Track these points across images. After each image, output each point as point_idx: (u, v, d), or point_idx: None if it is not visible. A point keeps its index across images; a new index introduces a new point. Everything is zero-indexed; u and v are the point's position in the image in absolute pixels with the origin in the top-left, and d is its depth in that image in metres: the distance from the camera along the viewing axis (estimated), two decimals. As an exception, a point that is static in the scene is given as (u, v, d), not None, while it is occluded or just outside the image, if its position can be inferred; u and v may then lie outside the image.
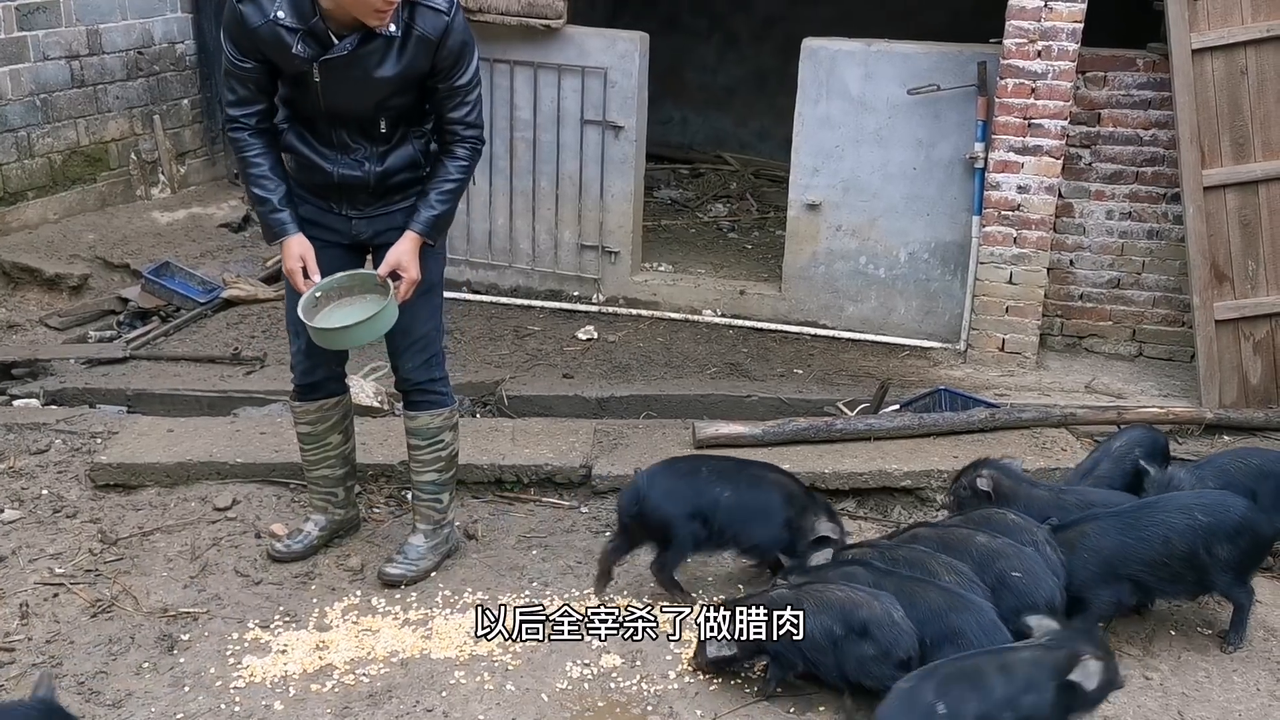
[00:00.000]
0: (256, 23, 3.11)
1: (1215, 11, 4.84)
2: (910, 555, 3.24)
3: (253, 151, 3.27)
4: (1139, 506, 3.45)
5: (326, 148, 3.29)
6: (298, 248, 3.27)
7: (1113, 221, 5.44)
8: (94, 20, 6.75)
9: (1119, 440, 4.00)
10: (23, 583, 3.59)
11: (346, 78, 3.15)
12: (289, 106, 3.32)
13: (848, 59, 5.57)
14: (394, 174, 3.33)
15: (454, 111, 3.30)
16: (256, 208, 3.33)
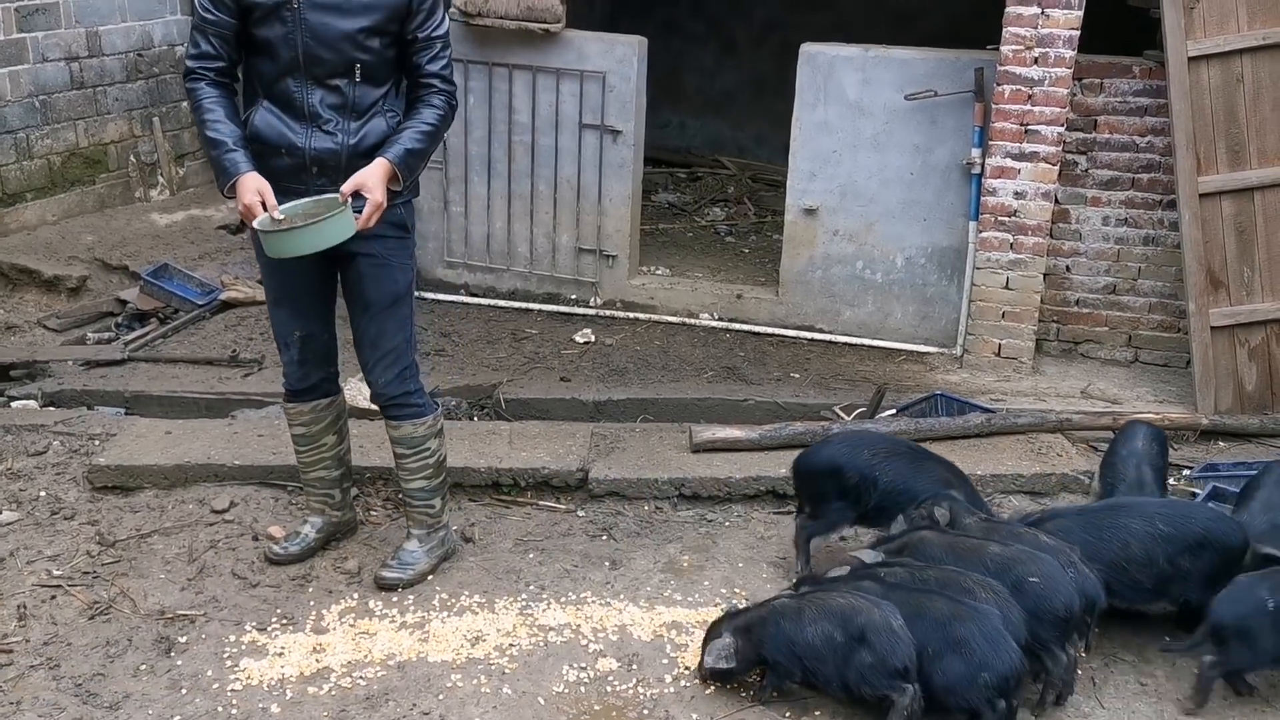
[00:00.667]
0: None
1: (1211, 19, 4.86)
2: (942, 576, 3.16)
3: (208, 98, 3.23)
4: (1105, 506, 3.49)
5: (298, 121, 3.24)
6: (253, 182, 3.15)
7: (1109, 227, 5.46)
8: (94, 22, 6.76)
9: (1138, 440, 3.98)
10: (20, 584, 3.60)
11: (326, 4, 3.15)
12: (259, 71, 3.26)
13: (845, 64, 5.59)
14: (367, 150, 3.26)
15: (431, 64, 3.30)
16: (210, 152, 3.25)
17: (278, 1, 3.14)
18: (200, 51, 3.24)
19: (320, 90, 3.22)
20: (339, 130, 3.25)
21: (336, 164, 3.25)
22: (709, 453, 4.40)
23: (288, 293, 3.48)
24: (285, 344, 3.55)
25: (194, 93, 3.26)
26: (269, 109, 3.25)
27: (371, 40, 3.20)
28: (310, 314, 3.51)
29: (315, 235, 3.08)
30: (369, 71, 3.23)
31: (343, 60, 3.20)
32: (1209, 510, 3.54)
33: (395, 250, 3.41)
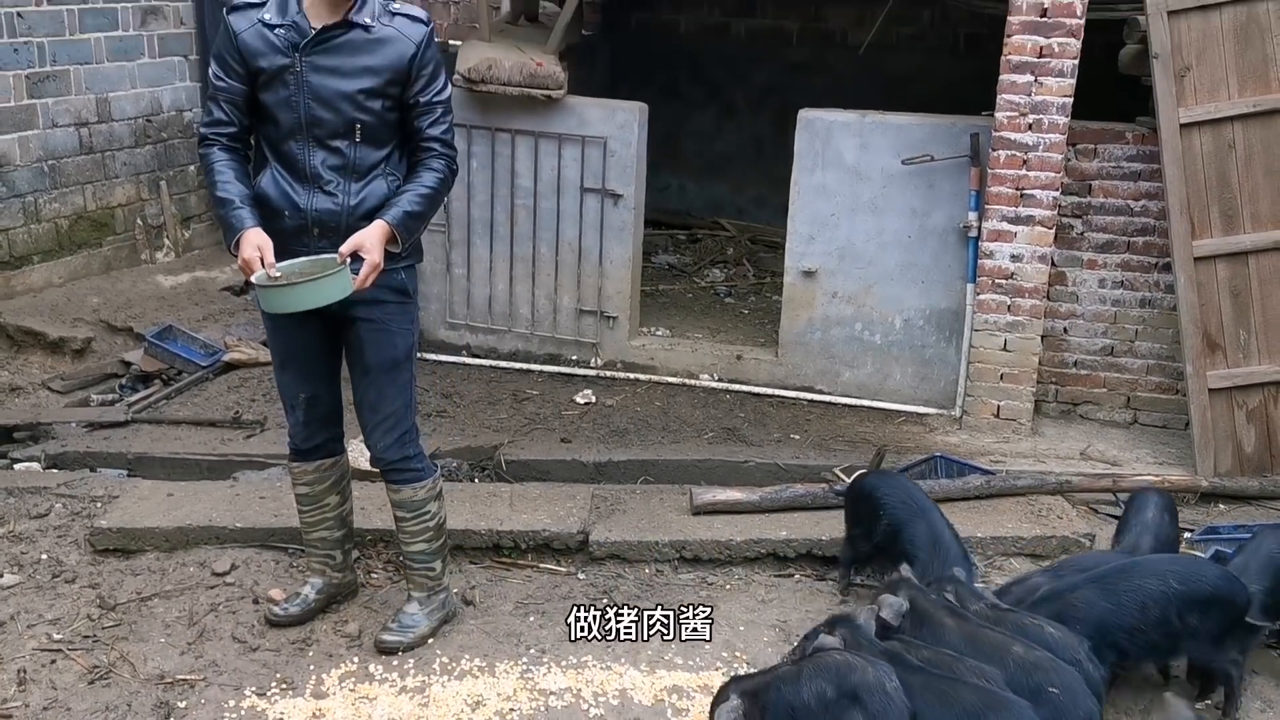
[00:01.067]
0: (243, 28, 3.25)
1: (1202, 87, 4.95)
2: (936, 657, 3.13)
3: (219, 161, 3.31)
4: (1117, 570, 3.48)
5: (300, 182, 3.30)
6: (255, 238, 3.19)
7: (1105, 290, 5.51)
8: (104, 89, 6.87)
9: (1148, 510, 3.99)
10: (21, 648, 3.59)
11: (327, 66, 3.22)
12: (266, 135, 3.33)
13: (843, 129, 5.68)
14: (367, 212, 3.31)
15: (432, 128, 3.36)
16: (218, 211, 3.32)
17: (282, 65, 3.23)
18: (213, 118, 3.33)
19: (322, 151, 3.28)
20: (340, 191, 3.30)
21: (337, 225, 3.30)
22: (709, 515, 4.41)
23: (293, 356, 3.52)
24: (291, 406, 3.59)
25: (206, 157, 3.34)
26: (275, 171, 3.32)
27: (372, 102, 3.27)
28: (315, 377, 3.54)
29: (311, 293, 3.12)
30: (370, 133, 3.30)
31: (343, 121, 3.26)
32: (1218, 568, 3.55)
33: (395, 315, 3.45)
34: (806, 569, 4.24)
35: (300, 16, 3.22)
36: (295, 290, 3.12)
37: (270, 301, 3.18)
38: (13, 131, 6.38)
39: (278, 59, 3.22)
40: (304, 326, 3.40)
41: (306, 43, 3.22)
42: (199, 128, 3.40)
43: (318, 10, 3.23)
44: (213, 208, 3.39)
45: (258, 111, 3.33)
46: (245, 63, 3.24)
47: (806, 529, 4.29)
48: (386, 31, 3.26)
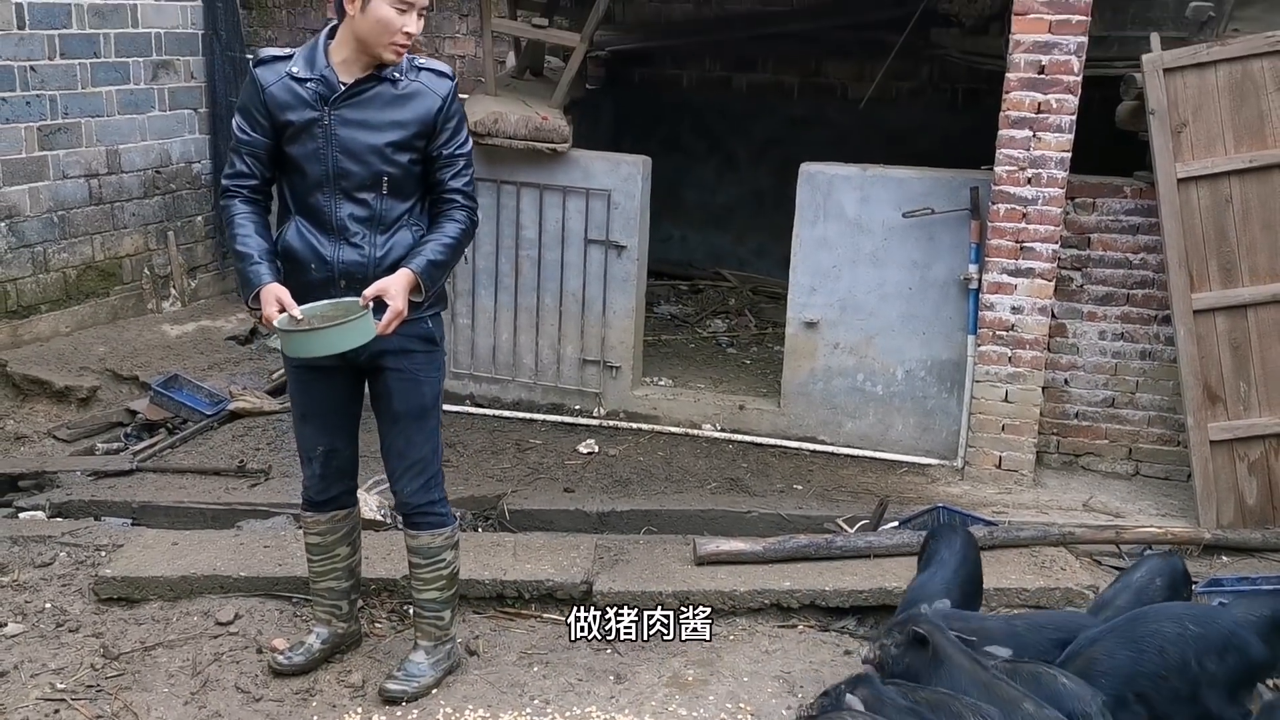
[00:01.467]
0: (270, 81, 3.28)
1: (1199, 142, 5.02)
2: (933, 698, 3.11)
3: (240, 214, 3.34)
4: (1131, 618, 3.46)
5: (326, 234, 3.32)
6: (273, 292, 3.22)
7: (1106, 342, 5.55)
8: (114, 141, 6.97)
9: (1139, 572, 3.94)
10: (24, 698, 3.59)
11: (355, 120, 3.26)
12: (292, 187, 3.35)
13: (844, 183, 5.75)
14: (393, 263, 3.33)
15: (454, 180, 3.39)
16: (237, 264, 3.36)
17: (311, 118, 3.26)
18: (235, 171, 3.36)
19: (348, 204, 3.31)
20: (366, 243, 3.33)
21: (364, 276, 3.31)
22: (713, 565, 4.42)
23: (315, 408, 3.54)
24: (308, 457, 3.61)
25: (227, 209, 3.37)
26: (300, 224, 3.34)
27: (399, 155, 3.30)
28: (335, 431, 3.57)
29: (335, 337, 3.13)
30: (396, 185, 3.33)
31: (371, 174, 3.29)
32: (1232, 614, 3.53)
33: (423, 365, 3.48)
34: (810, 620, 4.23)
35: (329, 70, 3.25)
36: (318, 335, 3.14)
37: (293, 346, 3.20)
38: (23, 183, 6.47)
39: (307, 112, 3.25)
40: (328, 379, 3.43)
41: (336, 97, 3.25)
42: (222, 179, 3.43)
43: (346, 65, 3.27)
44: (232, 260, 3.42)
45: (283, 164, 3.35)
46: (272, 116, 3.27)
47: (810, 580, 4.29)
48: (413, 86, 3.30)
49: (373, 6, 3.16)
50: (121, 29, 6.95)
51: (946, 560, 3.86)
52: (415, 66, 3.33)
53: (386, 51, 3.22)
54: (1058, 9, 5.04)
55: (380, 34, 3.18)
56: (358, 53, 3.25)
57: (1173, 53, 5.01)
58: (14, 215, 6.44)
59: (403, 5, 3.17)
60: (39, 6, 6.44)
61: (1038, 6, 5.06)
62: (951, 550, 3.91)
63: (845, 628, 4.22)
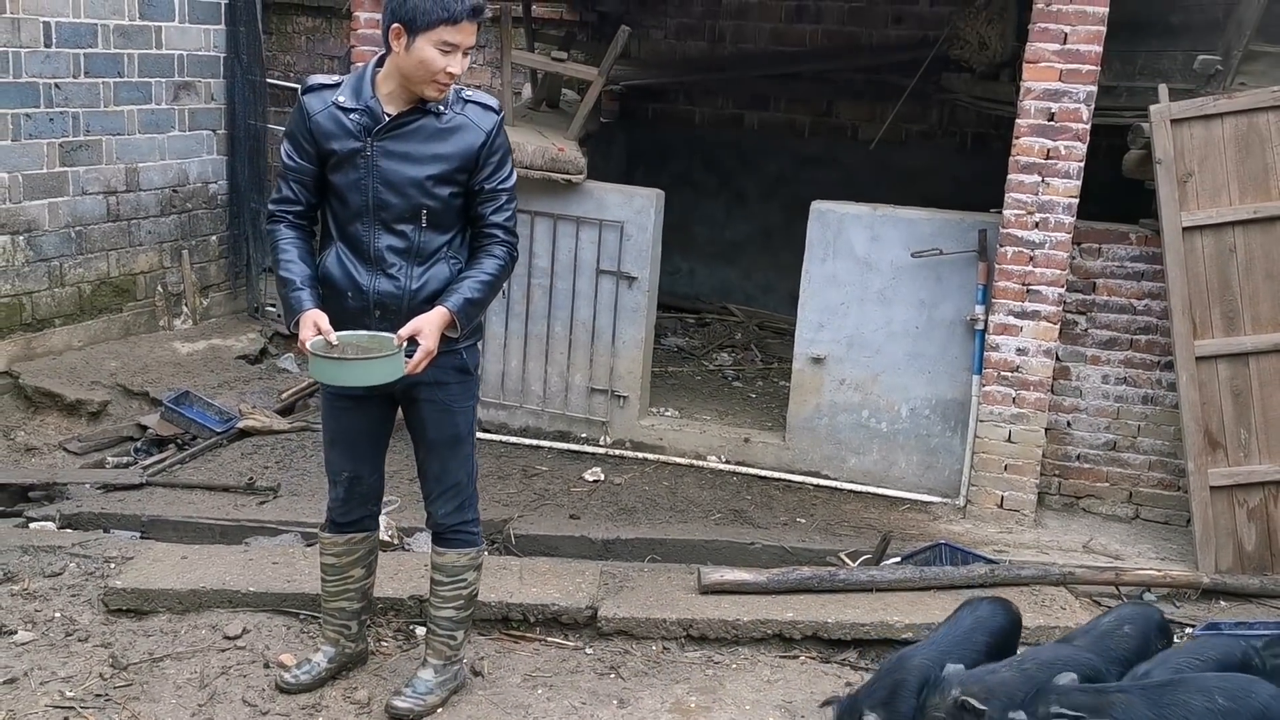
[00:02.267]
0: (317, 109, 3.33)
1: (1204, 192, 5.10)
2: None
3: (284, 239, 3.40)
4: (1164, 684, 3.40)
5: (364, 264, 3.36)
6: (312, 318, 3.27)
7: (1108, 386, 5.61)
8: (133, 159, 7.07)
9: (1108, 616, 3.93)
10: (34, 705, 3.62)
11: (398, 152, 3.30)
12: (334, 214, 3.40)
13: (854, 222, 5.84)
14: (428, 296, 3.37)
15: (496, 215, 3.41)
16: (280, 290, 3.40)
17: (354, 148, 3.31)
18: (281, 196, 3.42)
19: (387, 235, 3.34)
20: (402, 275, 3.36)
21: (399, 308, 3.36)
22: (717, 595, 4.46)
23: (343, 435, 3.59)
24: (334, 481, 3.66)
25: (273, 234, 3.43)
26: (340, 251, 3.39)
27: (440, 188, 3.33)
28: (362, 458, 3.62)
29: (363, 371, 3.19)
30: (435, 218, 3.36)
31: (410, 206, 3.32)
32: (1270, 687, 3.40)
33: (457, 395, 3.52)
34: (812, 651, 4.27)
35: (374, 101, 3.29)
36: (347, 366, 3.20)
37: (321, 372, 3.25)
38: (43, 198, 6.56)
39: (350, 143, 3.30)
40: (360, 408, 3.48)
41: (380, 128, 3.29)
42: (268, 204, 3.49)
43: (392, 97, 3.31)
44: (276, 284, 3.48)
45: (326, 190, 3.41)
46: (317, 144, 3.33)
47: (813, 611, 4.33)
48: (458, 119, 3.33)
49: (416, 47, 3.19)
50: (145, 50, 7.06)
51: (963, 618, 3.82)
52: (462, 99, 3.36)
53: (428, 89, 3.27)
54: (1068, 58, 5.14)
55: (423, 73, 3.23)
56: (402, 86, 3.29)
57: (1180, 104, 5.11)
58: (33, 229, 6.52)
59: (446, 46, 3.19)
60: (66, 25, 6.55)
61: (1049, 55, 5.16)
62: (974, 611, 3.85)
63: (847, 660, 4.25)
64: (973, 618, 3.82)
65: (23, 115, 6.38)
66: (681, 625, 4.26)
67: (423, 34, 3.18)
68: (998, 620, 3.83)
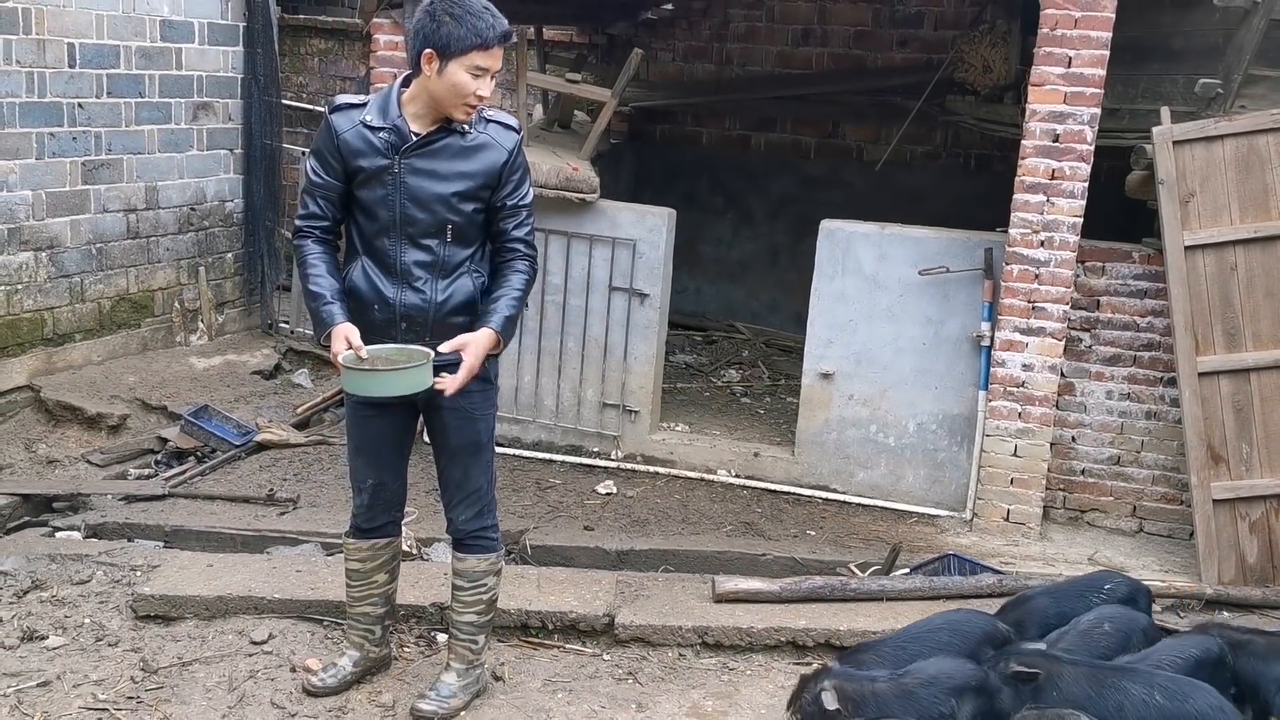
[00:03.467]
0: (345, 128, 3.44)
1: (1206, 212, 5.22)
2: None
3: (312, 254, 3.51)
4: (1115, 668, 3.56)
5: (390, 277, 3.47)
6: (343, 331, 3.37)
7: (1112, 401, 5.72)
8: (153, 178, 7.19)
9: (1090, 614, 3.99)
10: (67, 707, 3.71)
11: (425, 169, 3.41)
12: (360, 229, 3.51)
13: (863, 240, 5.96)
14: (453, 308, 3.48)
15: (517, 230, 3.54)
16: (310, 304, 3.50)
17: (380, 166, 3.43)
18: (308, 212, 3.53)
19: (413, 249, 3.46)
20: (428, 288, 3.48)
21: (424, 320, 3.48)
22: (731, 603, 4.55)
23: (367, 444, 3.69)
24: (359, 488, 3.76)
25: (300, 249, 3.54)
26: (366, 265, 3.50)
27: (464, 204, 3.45)
28: (385, 467, 3.72)
29: (392, 381, 3.31)
30: (459, 233, 3.48)
31: (436, 221, 3.45)
32: (1212, 696, 3.46)
33: (479, 403, 3.62)
34: (824, 658, 4.34)
35: (401, 120, 3.42)
36: (377, 377, 3.32)
37: (352, 383, 3.37)
38: (66, 215, 6.68)
39: (378, 160, 3.42)
40: (384, 417, 3.59)
41: (407, 147, 3.41)
42: (295, 220, 3.59)
43: (418, 117, 3.43)
44: (305, 298, 3.59)
45: (352, 206, 3.52)
46: (344, 161, 3.44)
47: (825, 619, 4.43)
48: (481, 139, 3.45)
49: (449, 71, 3.31)
50: (166, 70, 7.20)
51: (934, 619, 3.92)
52: (484, 118, 3.48)
53: (458, 112, 3.39)
54: (1073, 81, 5.28)
55: (454, 97, 3.35)
56: (429, 107, 3.41)
57: (1182, 126, 5.24)
58: (55, 246, 6.64)
59: (478, 71, 3.32)
60: (90, 46, 6.69)
61: (1054, 78, 5.29)
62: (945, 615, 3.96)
63: (859, 667, 4.34)
64: (944, 619, 3.93)
65: (47, 134, 6.51)
66: (697, 632, 4.35)
67: (456, 59, 3.30)
68: (974, 623, 3.91)
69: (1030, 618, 4.07)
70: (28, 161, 6.42)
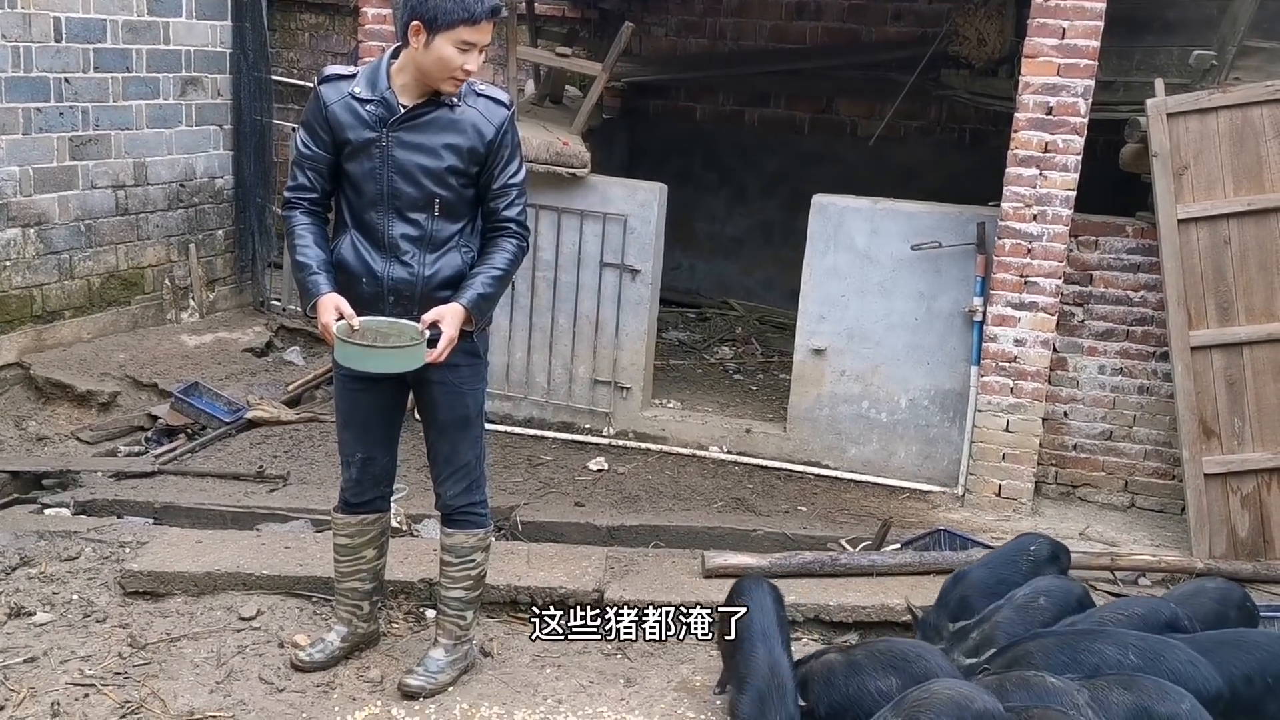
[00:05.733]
0: (333, 99, 3.41)
1: (1199, 185, 5.20)
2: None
3: (300, 225, 3.49)
4: (1085, 632, 3.59)
5: (379, 251, 3.45)
6: (331, 302, 3.36)
7: (1105, 376, 5.70)
8: (142, 154, 7.14)
9: (1025, 588, 3.99)
10: (54, 682, 3.70)
11: (412, 143, 3.38)
12: (348, 202, 3.48)
13: (855, 215, 5.92)
14: (441, 283, 3.46)
15: (508, 210, 3.51)
16: (297, 274, 3.49)
17: (368, 139, 3.40)
18: (297, 183, 3.50)
19: (401, 223, 3.43)
20: (415, 262, 3.45)
21: (412, 294, 3.46)
22: (721, 578, 4.54)
23: (356, 418, 3.67)
24: (347, 462, 3.74)
25: (289, 220, 3.51)
26: (354, 238, 3.47)
27: (452, 178, 3.42)
28: (374, 441, 3.70)
29: (386, 359, 3.30)
30: (448, 207, 3.45)
31: (424, 195, 3.42)
32: (1185, 652, 3.49)
33: (467, 377, 3.60)
34: (814, 633, 4.36)
35: (389, 93, 3.38)
36: (372, 353, 3.30)
37: (346, 355, 3.33)
38: (54, 191, 6.63)
39: (365, 133, 3.39)
40: (372, 390, 3.56)
41: (395, 119, 3.38)
42: (284, 191, 3.56)
43: (406, 89, 3.40)
44: (292, 269, 3.57)
45: (341, 179, 3.49)
46: (333, 133, 3.41)
47: (815, 595, 4.42)
48: (470, 113, 3.41)
49: (435, 45, 3.27)
50: (153, 45, 7.13)
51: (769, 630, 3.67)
52: (474, 92, 3.45)
53: (445, 85, 3.36)
54: (1066, 53, 5.23)
55: (440, 70, 3.32)
56: (417, 80, 3.38)
57: (1176, 98, 5.21)
58: (43, 222, 6.59)
59: (465, 45, 3.28)
60: (76, 20, 6.63)
61: (1047, 50, 5.25)
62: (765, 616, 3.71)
63: (848, 641, 4.34)
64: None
65: (33, 109, 6.45)
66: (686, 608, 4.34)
67: (442, 33, 3.26)
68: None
69: (972, 592, 4.08)
70: (14, 137, 6.37)
